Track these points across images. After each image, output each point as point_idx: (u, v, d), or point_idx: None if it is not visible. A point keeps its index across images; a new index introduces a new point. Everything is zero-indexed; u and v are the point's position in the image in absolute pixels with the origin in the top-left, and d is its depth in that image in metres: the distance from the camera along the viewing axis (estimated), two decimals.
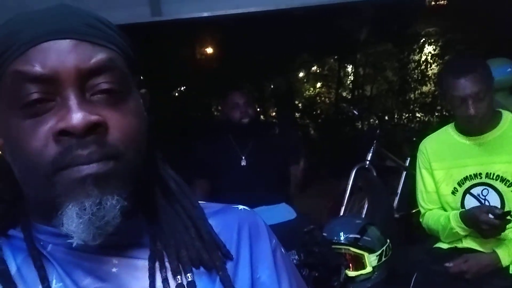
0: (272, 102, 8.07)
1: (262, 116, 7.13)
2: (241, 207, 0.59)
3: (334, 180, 3.52)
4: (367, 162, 3.01)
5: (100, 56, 0.47)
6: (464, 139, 1.68)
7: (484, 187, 1.64)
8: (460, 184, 1.68)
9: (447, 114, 7.97)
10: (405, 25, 7.34)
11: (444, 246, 1.72)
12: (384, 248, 1.84)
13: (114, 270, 0.49)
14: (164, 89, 6.35)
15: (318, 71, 8.50)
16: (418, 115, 7.92)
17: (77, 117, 0.44)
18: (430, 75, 7.87)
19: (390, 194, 3.25)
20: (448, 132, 1.74)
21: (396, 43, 7.57)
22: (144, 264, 0.50)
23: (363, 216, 2.98)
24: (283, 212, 2.32)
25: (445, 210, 1.73)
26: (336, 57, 8.06)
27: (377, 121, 3.40)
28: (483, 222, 1.52)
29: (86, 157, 0.45)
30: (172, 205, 0.54)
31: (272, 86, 7.64)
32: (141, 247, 0.51)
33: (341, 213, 2.91)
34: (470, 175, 1.66)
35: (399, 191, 3.34)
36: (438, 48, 7.73)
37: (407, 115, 7.98)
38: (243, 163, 2.38)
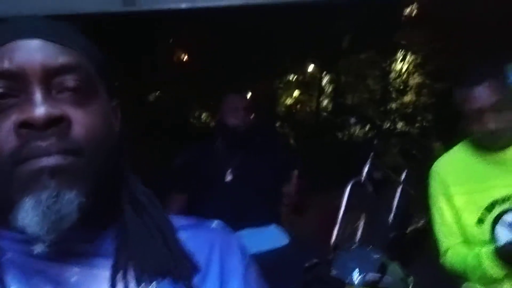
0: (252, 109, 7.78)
1: None
2: (215, 222, 0.58)
3: (323, 195, 3.22)
4: (363, 177, 2.73)
5: (67, 57, 0.49)
6: (484, 157, 1.42)
7: None
8: (487, 211, 1.39)
9: (426, 125, 7.99)
10: (388, 34, 7.25)
11: None
12: None
13: (74, 278, 0.49)
14: (139, 91, 5.94)
15: (299, 78, 8.29)
16: (398, 125, 7.81)
17: (39, 110, 0.45)
18: (411, 85, 7.79)
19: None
20: (464, 150, 1.47)
21: (379, 52, 7.47)
22: (105, 274, 0.49)
23: (358, 236, 2.71)
24: (273, 237, 2.00)
25: (469, 244, 1.42)
26: (317, 64, 7.89)
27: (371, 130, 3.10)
28: None
29: (45, 149, 0.45)
30: (141, 216, 0.53)
31: (252, 92, 7.37)
32: (105, 256, 0.50)
33: (335, 234, 2.61)
34: (498, 199, 1.37)
35: (394, 208, 3.07)
36: (420, 58, 7.66)
37: (387, 125, 7.86)
38: (229, 177, 2.07)
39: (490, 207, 1.38)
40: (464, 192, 1.42)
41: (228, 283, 0.53)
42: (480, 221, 1.39)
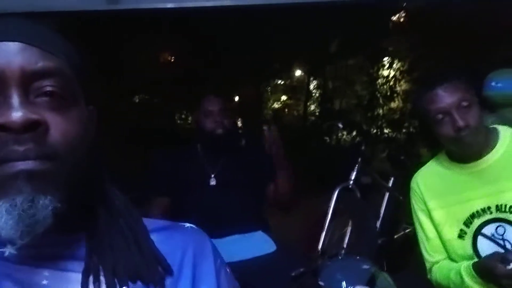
0: (237, 112, 7.73)
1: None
2: (188, 225, 0.59)
3: (310, 200, 3.17)
4: (351, 182, 2.68)
5: (47, 61, 0.48)
6: (460, 168, 1.34)
7: (498, 223, 1.28)
8: (467, 224, 1.32)
9: (413, 131, 8.04)
10: (375, 40, 7.28)
11: None
12: None
13: (44, 282, 0.48)
14: (121, 93, 5.82)
15: (287, 82, 8.27)
16: (385, 131, 7.83)
17: (17, 113, 0.45)
18: (398, 91, 7.83)
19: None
20: (440, 162, 1.40)
21: (367, 57, 7.49)
22: (77, 277, 0.49)
23: (346, 242, 2.65)
24: (259, 243, 1.93)
25: (453, 260, 1.37)
26: (305, 69, 7.89)
27: (357, 136, 3.06)
28: (501, 276, 1.16)
29: (22, 153, 0.45)
30: (115, 220, 0.54)
31: (238, 95, 7.31)
32: (76, 260, 0.50)
33: (321, 240, 2.56)
34: (478, 211, 1.31)
35: (381, 214, 3.03)
36: (406, 64, 7.70)
37: (374, 130, 7.87)
38: (213, 182, 1.99)
39: (469, 220, 1.31)
40: (442, 206, 1.35)
41: (201, 286, 0.54)
42: (461, 235, 1.33)
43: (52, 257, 0.49)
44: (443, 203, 1.36)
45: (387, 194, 3.06)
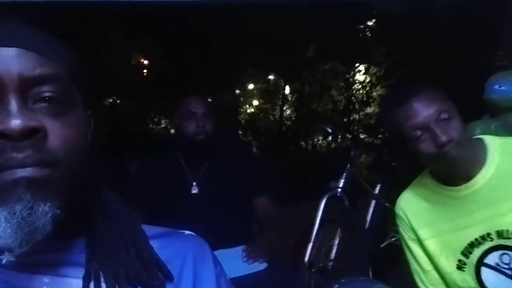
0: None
1: None
2: (187, 232, 0.60)
3: (295, 208, 3.01)
4: (339, 190, 2.54)
5: (45, 67, 0.48)
6: (449, 191, 1.17)
7: (502, 251, 1.12)
8: (465, 254, 1.16)
9: (388, 135, 8.07)
10: (352, 44, 7.27)
11: None
12: None
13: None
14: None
15: (262, 86, 8.15)
16: (362, 136, 7.82)
17: (15, 121, 0.45)
18: (374, 96, 7.84)
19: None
20: (425, 184, 1.22)
21: (343, 62, 7.47)
22: (78, 283, 0.49)
23: (334, 254, 2.51)
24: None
25: None
26: (280, 73, 7.79)
27: (345, 140, 2.94)
28: None
29: (21, 160, 0.44)
30: (112, 226, 0.53)
31: (212, 100, 7.12)
32: (76, 266, 0.50)
33: (308, 251, 2.40)
34: (477, 239, 1.14)
35: (367, 222, 2.91)
36: (382, 70, 7.73)
37: (350, 136, 7.85)
38: (194, 190, 1.82)
39: (468, 250, 1.16)
40: (434, 235, 1.19)
41: None
42: (460, 266, 1.17)
43: (52, 263, 0.49)
44: (435, 232, 1.19)
45: (373, 202, 2.94)
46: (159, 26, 5.25)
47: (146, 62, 6.56)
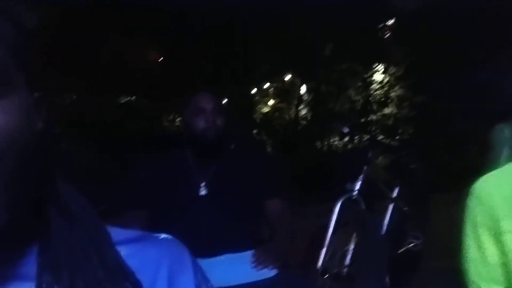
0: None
1: None
2: (163, 235, 0.53)
3: (309, 211, 2.91)
4: (356, 192, 2.43)
5: None
6: None
7: None
8: None
9: (407, 138, 7.89)
10: (371, 44, 7.13)
11: None
12: None
13: None
14: (96, 90, 5.49)
15: (278, 85, 8.06)
16: (379, 137, 7.66)
17: None
18: (393, 97, 7.67)
19: None
20: None
21: (361, 62, 7.33)
22: None
23: (348, 260, 2.40)
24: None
25: None
26: (297, 72, 7.69)
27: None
28: None
29: None
30: (71, 229, 0.47)
31: (227, 98, 7.07)
32: (25, 280, 0.43)
33: (322, 257, 2.30)
34: None
35: (384, 227, 2.79)
36: (402, 70, 7.55)
37: (367, 136, 7.69)
38: (203, 191, 1.74)
39: None
40: None
41: None
42: None
43: None
44: None
45: (391, 206, 2.82)
46: (174, 24, 5.22)
47: (159, 59, 6.54)
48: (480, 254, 1.10)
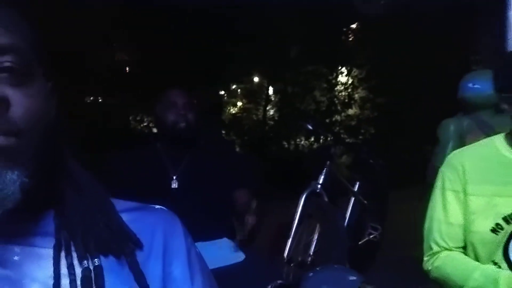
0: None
1: None
2: (158, 206, 0.60)
3: (275, 204, 3.04)
4: (319, 186, 2.57)
5: (3, 37, 0.48)
6: None
7: None
8: (507, 220, 1.14)
9: (369, 137, 8.18)
10: (335, 47, 7.36)
11: None
12: None
13: (16, 258, 0.50)
14: (70, 88, 5.41)
15: (246, 86, 8.17)
16: (343, 137, 7.90)
17: None
18: (356, 98, 7.94)
19: None
20: (496, 146, 1.22)
21: (326, 64, 7.54)
22: (48, 252, 0.50)
23: (312, 249, 2.54)
24: (226, 252, 1.76)
25: (473, 254, 1.22)
26: (264, 74, 7.83)
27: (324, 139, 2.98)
28: None
29: None
30: (80, 197, 0.54)
31: (196, 98, 7.10)
32: (46, 236, 0.51)
33: (288, 247, 2.43)
34: None
35: (346, 219, 2.95)
36: (364, 73, 7.83)
37: (331, 137, 7.91)
38: (174, 184, 1.81)
39: (510, 217, 1.13)
40: (482, 193, 1.17)
41: (172, 263, 0.55)
42: (496, 230, 1.13)
43: (22, 234, 0.50)
44: (485, 191, 1.17)
45: (352, 199, 2.99)
46: (144, 23, 5.22)
47: (128, 58, 6.51)
48: (445, 214, 1.23)
